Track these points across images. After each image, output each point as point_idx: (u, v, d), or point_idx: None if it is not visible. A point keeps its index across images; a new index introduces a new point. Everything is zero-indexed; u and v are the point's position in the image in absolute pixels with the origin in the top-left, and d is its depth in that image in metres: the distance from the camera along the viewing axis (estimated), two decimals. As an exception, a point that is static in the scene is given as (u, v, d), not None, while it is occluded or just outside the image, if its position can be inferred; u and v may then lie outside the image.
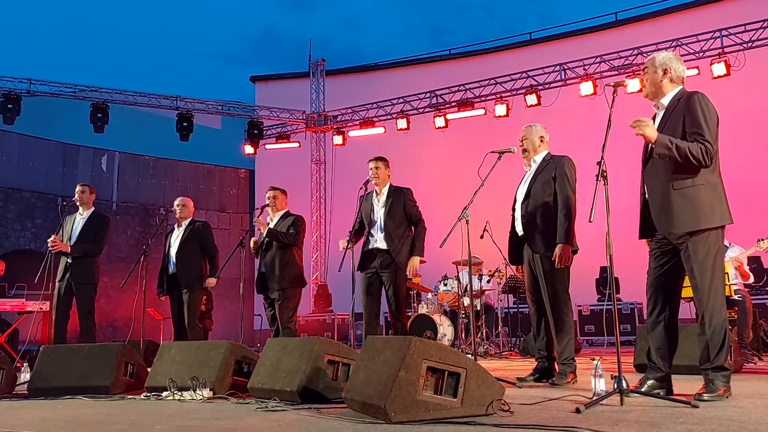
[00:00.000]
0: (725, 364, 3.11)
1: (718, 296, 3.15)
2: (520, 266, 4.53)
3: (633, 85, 9.51)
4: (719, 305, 3.15)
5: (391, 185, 5.30)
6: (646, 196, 3.34)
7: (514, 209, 4.42)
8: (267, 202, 5.89)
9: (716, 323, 3.11)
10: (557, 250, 4.08)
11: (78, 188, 6.41)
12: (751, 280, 6.24)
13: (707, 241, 3.15)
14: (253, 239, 5.82)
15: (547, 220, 4.19)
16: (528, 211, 4.25)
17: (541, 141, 4.41)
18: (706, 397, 2.98)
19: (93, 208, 6.42)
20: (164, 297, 6.10)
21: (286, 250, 5.58)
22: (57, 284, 6.08)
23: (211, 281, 6.01)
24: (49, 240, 6.07)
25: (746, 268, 6.06)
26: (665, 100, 3.36)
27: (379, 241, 5.12)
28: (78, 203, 6.34)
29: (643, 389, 3.22)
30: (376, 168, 5.23)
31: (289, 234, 5.60)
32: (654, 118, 3.43)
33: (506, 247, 4.53)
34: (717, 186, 3.23)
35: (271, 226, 5.72)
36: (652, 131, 3.09)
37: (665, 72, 3.37)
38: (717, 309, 3.13)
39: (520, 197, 4.36)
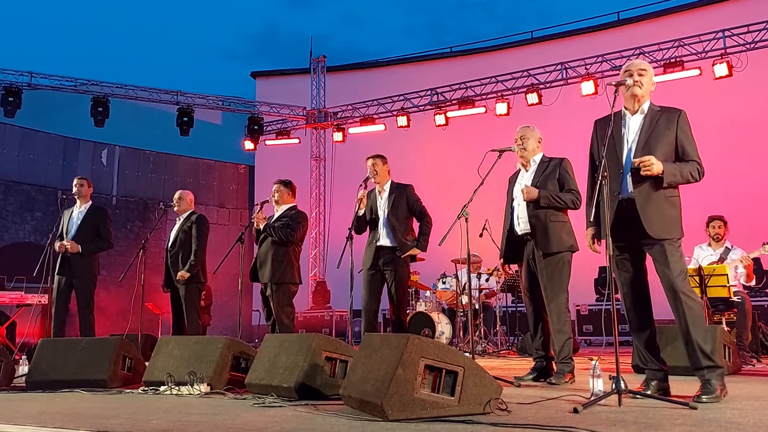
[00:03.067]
0: (718, 362, 3.13)
1: (696, 295, 3.25)
2: (509, 265, 4.56)
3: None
4: (699, 305, 3.21)
5: (392, 182, 5.30)
6: (628, 194, 3.30)
7: (512, 208, 4.42)
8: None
9: (700, 323, 3.15)
10: (534, 189, 4.19)
11: (76, 181, 6.40)
12: (754, 282, 6.23)
13: (678, 246, 3.27)
14: (254, 227, 5.76)
15: (555, 219, 4.23)
16: (535, 210, 4.26)
17: (539, 143, 4.46)
18: (705, 399, 2.98)
19: (91, 202, 6.42)
20: (167, 291, 6.10)
21: (280, 246, 5.55)
22: (57, 277, 6.07)
23: (181, 274, 5.83)
24: (57, 245, 6.07)
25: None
26: (645, 107, 3.41)
27: (382, 238, 5.12)
28: (76, 197, 6.33)
29: (649, 392, 3.22)
30: (374, 165, 5.22)
31: (282, 231, 5.53)
32: (621, 118, 3.45)
33: (504, 246, 4.53)
34: None
35: (274, 218, 5.71)
36: (659, 167, 3.16)
37: (653, 84, 3.49)
38: (698, 309, 3.18)
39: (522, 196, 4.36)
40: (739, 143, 10.54)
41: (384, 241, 5.11)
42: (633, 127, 3.39)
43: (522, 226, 4.33)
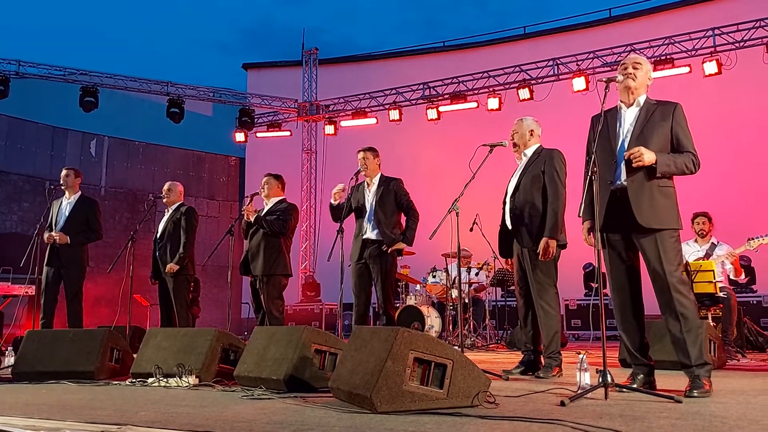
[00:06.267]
0: (707, 359, 3.16)
1: (690, 291, 3.25)
2: (508, 259, 4.55)
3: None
4: (693, 301, 3.22)
5: (382, 175, 5.30)
6: (619, 184, 3.31)
7: (504, 202, 4.43)
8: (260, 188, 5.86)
9: (693, 320, 3.15)
10: (542, 242, 4.10)
11: (63, 172, 6.36)
12: (742, 276, 6.28)
13: (674, 238, 3.25)
14: (244, 220, 5.76)
15: (535, 214, 4.21)
16: (516, 204, 4.26)
17: (531, 135, 4.42)
18: (696, 394, 3.00)
19: (80, 192, 6.37)
20: (155, 282, 6.08)
21: (272, 237, 5.55)
22: (45, 268, 6.04)
23: (170, 266, 5.83)
24: (45, 236, 6.04)
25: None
26: (641, 100, 3.43)
27: (369, 231, 5.13)
28: (64, 187, 6.29)
29: (635, 385, 3.25)
30: (365, 158, 5.23)
31: (275, 223, 5.54)
32: (617, 111, 3.47)
33: (495, 240, 4.55)
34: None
35: (264, 211, 5.70)
36: (651, 157, 3.16)
37: (649, 78, 3.49)
38: (692, 305, 3.19)
39: (510, 191, 4.37)
40: (728, 140, 10.61)
41: (370, 234, 5.12)
42: (628, 119, 3.40)
43: (509, 221, 4.34)
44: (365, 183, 5.28)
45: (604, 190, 3.35)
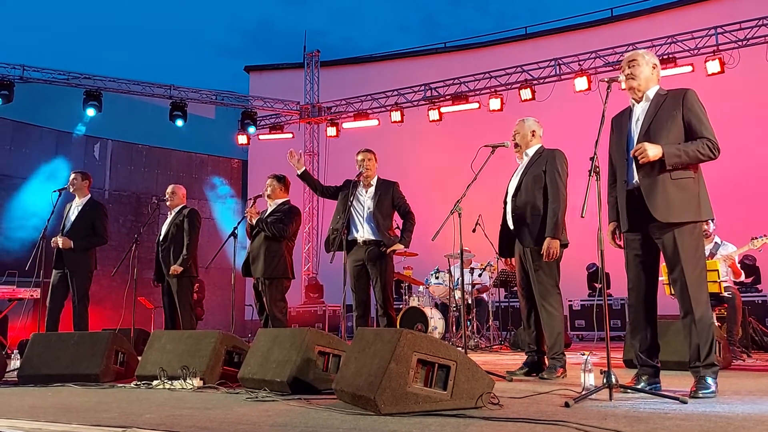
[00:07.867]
0: (715, 361, 3.14)
1: (705, 291, 3.20)
2: (509, 259, 4.55)
3: (627, 81, 9.53)
4: (707, 300, 3.18)
5: (379, 178, 5.33)
6: (633, 183, 3.30)
7: (505, 202, 4.43)
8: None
9: (706, 319, 3.13)
10: (545, 243, 4.10)
11: (71, 175, 6.39)
12: (742, 277, 6.27)
13: (694, 234, 3.20)
14: (247, 222, 5.76)
15: (537, 214, 4.20)
16: (518, 204, 4.26)
17: (533, 135, 4.41)
18: (701, 395, 2.99)
19: (89, 196, 6.40)
20: (158, 285, 6.10)
21: (274, 240, 5.55)
22: (53, 272, 6.06)
23: (174, 269, 5.83)
24: (52, 241, 6.06)
25: (738, 265, 6.09)
26: (650, 93, 3.40)
27: (366, 232, 5.15)
28: (72, 191, 6.32)
29: (640, 386, 3.24)
30: (368, 160, 5.25)
31: (275, 225, 5.50)
32: (630, 111, 3.46)
33: (498, 240, 4.55)
34: (702, 179, 3.29)
35: (268, 212, 5.70)
36: (656, 151, 3.12)
37: (654, 67, 3.44)
38: (705, 304, 3.16)
39: (512, 191, 4.37)
40: (730, 139, 10.57)
41: (368, 235, 5.15)
42: (638, 114, 3.39)
43: (511, 221, 4.34)
44: (362, 184, 5.29)
45: (621, 190, 3.35)
